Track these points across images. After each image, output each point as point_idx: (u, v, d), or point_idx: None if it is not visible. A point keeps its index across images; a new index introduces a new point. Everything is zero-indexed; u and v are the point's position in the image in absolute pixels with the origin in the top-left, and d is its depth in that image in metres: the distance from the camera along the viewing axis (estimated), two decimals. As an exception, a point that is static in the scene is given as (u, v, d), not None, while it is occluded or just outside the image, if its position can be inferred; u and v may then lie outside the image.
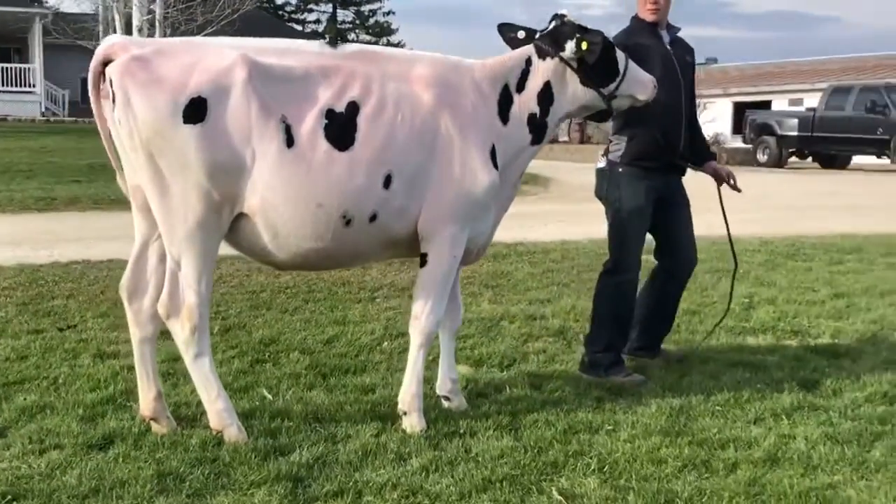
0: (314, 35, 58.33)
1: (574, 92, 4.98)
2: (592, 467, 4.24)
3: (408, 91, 4.59)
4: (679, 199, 5.85)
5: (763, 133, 32.85)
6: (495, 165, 4.76)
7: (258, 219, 4.36)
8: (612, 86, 5.01)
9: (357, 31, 62.20)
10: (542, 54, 4.93)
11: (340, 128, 4.40)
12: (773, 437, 4.64)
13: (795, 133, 32.02)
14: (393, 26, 62.92)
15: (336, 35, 59.11)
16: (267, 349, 6.18)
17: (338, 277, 8.53)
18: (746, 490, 4.02)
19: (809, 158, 33.07)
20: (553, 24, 4.97)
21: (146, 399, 4.63)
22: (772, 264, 9.67)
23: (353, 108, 4.44)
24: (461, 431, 4.67)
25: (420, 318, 4.76)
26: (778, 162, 31.97)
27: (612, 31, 5.30)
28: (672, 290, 6.04)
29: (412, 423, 4.72)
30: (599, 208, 5.85)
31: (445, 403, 5.07)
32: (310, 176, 4.35)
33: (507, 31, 5.11)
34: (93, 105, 4.36)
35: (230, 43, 4.51)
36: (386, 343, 6.37)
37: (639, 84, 5.10)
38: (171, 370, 5.48)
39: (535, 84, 4.92)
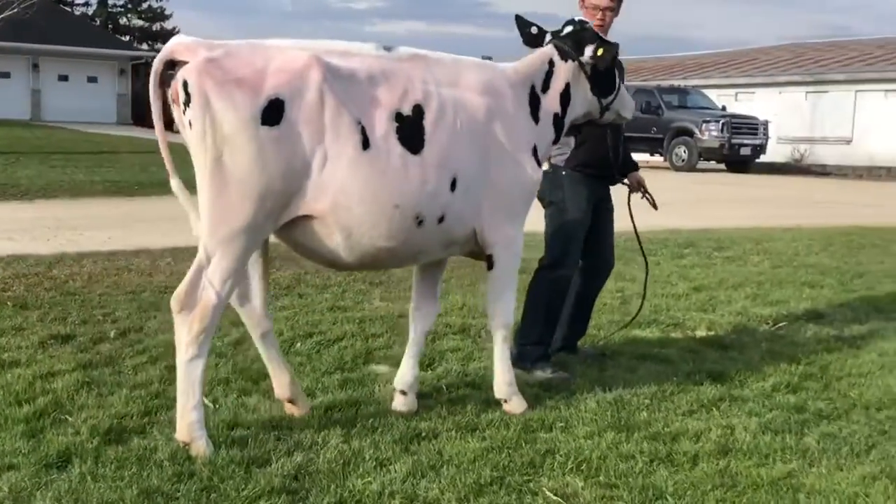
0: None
1: (585, 96, 5.16)
2: (569, 466, 4.23)
3: (461, 96, 4.64)
4: (608, 205, 5.99)
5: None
6: (538, 163, 4.98)
7: (329, 220, 4.28)
8: (609, 98, 5.24)
9: (129, 15, 59.34)
10: (564, 56, 5.08)
11: (410, 131, 4.40)
12: (715, 428, 4.77)
13: (576, 133, 33.21)
14: (167, 12, 60.38)
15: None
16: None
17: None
18: (722, 482, 4.12)
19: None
20: (573, 27, 5.14)
21: (282, 384, 4.74)
22: (624, 259, 9.96)
23: (419, 111, 4.45)
24: (423, 434, 4.58)
25: (498, 316, 4.99)
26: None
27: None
28: (593, 289, 6.17)
29: (514, 406, 4.98)
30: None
31: (400, 399, 4.97)
32: (386, 178, 4.33)
33: (522, 26, 5.27)
34: (153, 105, 4.14)
35: (292, 44, 4.33)
36: (299, 344, 6.17)
37: (626, 102, 5.40)
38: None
39: (558, 85, 5.07)
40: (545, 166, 5.69)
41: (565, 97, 5.08)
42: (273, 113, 4.05)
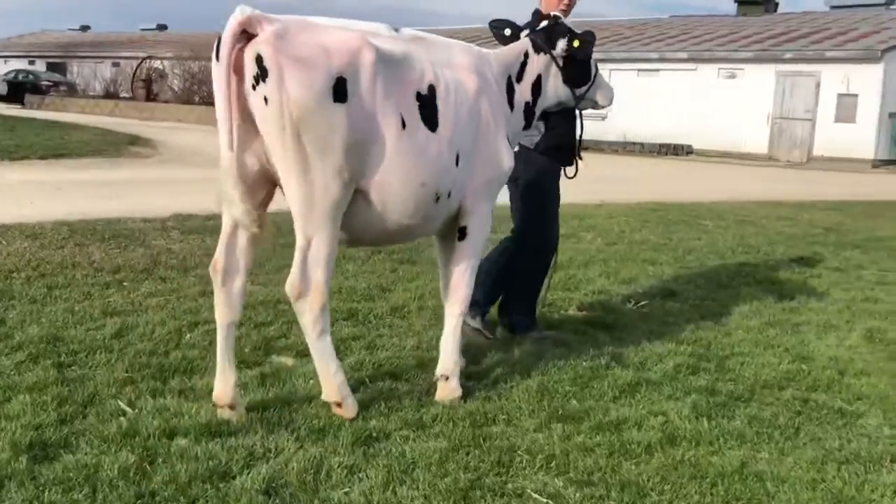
0: None
1: (556, 88, 5.37)
2: (538, 464, 4.08)
3: (457, 77, 4.74)
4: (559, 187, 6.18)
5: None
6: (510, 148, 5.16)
7: (372, 196, 4.36)
8: (584, 88, 5.49)
9: None
10: (537, 49, 5.29)
11: (428, 110, 4.51)
12: (650, 416, 4.74)
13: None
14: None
15: None
16: (57, 349, 5.23)
17: (66, 257, 7.50)
18: (692, 472, 4.08)
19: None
20: (547, 23, 5.41)
21: (226, 387, 4.42)
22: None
23: (433, 91, 4.54)
24: (375, 434, 4.29)
25: (460, 287, 4.97)
26: None
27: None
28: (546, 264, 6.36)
29: (452, 387, 4.88)
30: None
31: None
32: (418, 156, 4.43)
33: (497, 27, 5.72)
34: (221, 78, 3.96)
35: (329, 22, 4.32)
36: (188, 335, 5.66)
37: (603, 90, 5.63)
38: None
39: (530, 76, 5.27)
40: (515, 148, 5.69)
41: (536, 88, 5.29)
42: (340, 90, 4.05)
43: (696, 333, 6.45)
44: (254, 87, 3.97)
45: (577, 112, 5.85)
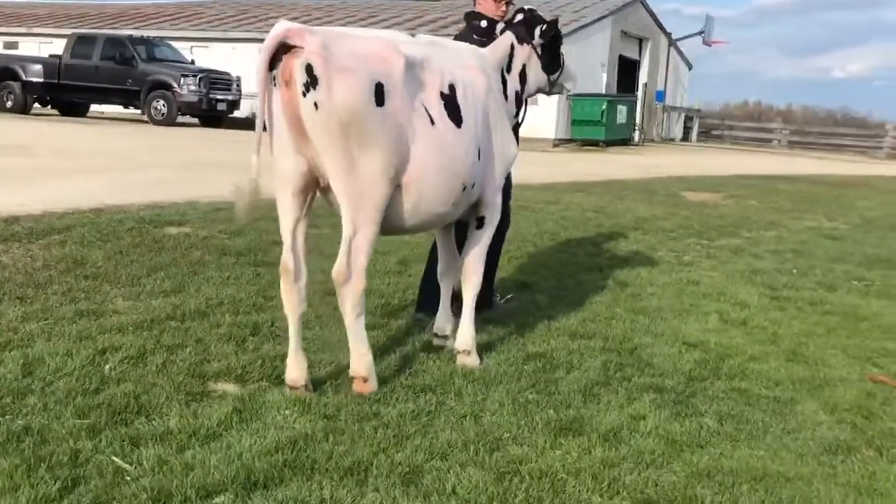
0: None
1: (536, 75, 5.77)
2: (584, 483, 3.91)
3: (470, 76, 5.13)
4: None
5: (6, 78, 30.72)
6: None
7: (411, 189, 4.70)
8: (556, 75, 5.89)
9: None
10: (520, 41, 5.66)
11: (452, 108, 4.88)
12: (630, 420, 4.69)
13: (41, 80, 30.64)
14: None
15: None
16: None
17: None
18: (719, 482, 4.06)
19: (50, 106, 31.81)
20: (522, 15, 5.77)
21: (301, 370, 4.75)
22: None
23: (453, 90, 4.92)
24: (363, 464, 3.93)
25: (476, 272, 5.50)
26: (23, 108, 30.25)
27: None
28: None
29: (473, 360, 5.42)
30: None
31: (440, 341, 5.72)
32: (448, 150, 4.83)
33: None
34: (263, 88, 4.35)
35: (363, 33, 4.83)
36: (107, 366, 4.86)
37: (571, 76, 6.08)
38: None
39: (517, 66, 5.66)
40: None
41: (523, 76, 5.70)
42: (379, 94, 4.38)
43: (586, 326, 6.50)
44: (304, 94, 4.25)
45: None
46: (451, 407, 4.70)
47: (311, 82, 4.22)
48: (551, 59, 5.82)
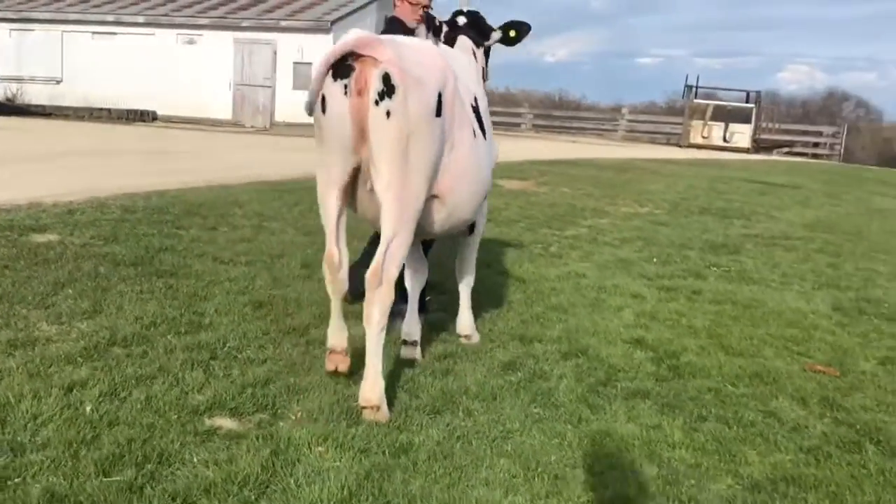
0: None
1: (484, 72, 5.78)
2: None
3: (478, 87, 5.25)
4: None
5: None
6: None
7: (447, 199, 4.73)
8: (488, 73, 5.89)
9: None
10: (477, 45, 5.71)
11: (479, 119, 4.99)
12: (651, 429, 4.63)
13: None
14: None
15: None
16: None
17: None
18: (782, 490, 4.09)
19: None
20: (466, 19, 5.72)
21: (342, 337, 4.81)
22: (173, 225, 8.45)
23: (477, 101, 5.05)
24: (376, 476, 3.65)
25: (468, 272, 5.93)
26: None
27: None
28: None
29: (475, 339, 5.86)
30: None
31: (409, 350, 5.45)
32: (481, 160, 4.97)
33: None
34: (318, 88, 4.28)
35: (411, 42, 4.84)
36: (90, 408, 4.19)
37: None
38: None
39: (480, 67, 5.71)
40: None
41: (484, 77, 5.76)
42: (439, 105, 4.41)
43: (526, 329, 6.36)
44: (377, 103, 4.20)
45: None
46: (477, 430, 4.41)
47: (388, 91, 4.19)
48: (488, 59, 5.90)
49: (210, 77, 32.04)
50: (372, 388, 4.40)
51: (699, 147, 40.87)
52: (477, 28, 5.72)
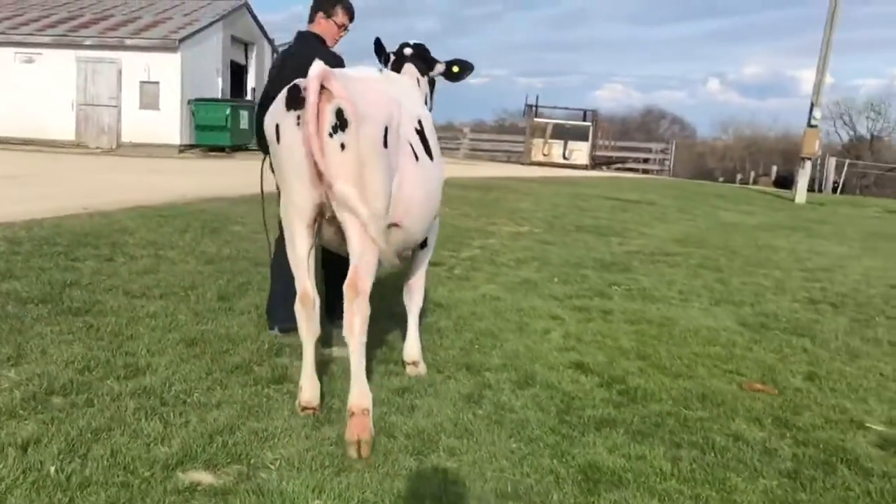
0: None
1: (427, 100, 5.85)
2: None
3: (415, 107, 5.18)
4: None
5: None
6: None
7: (404, 224, 4.78)
8: (430, 102, 5.92)
9: None
10: (422, 73, 5.83)
11: (423, 141, 5.00)
12: (635, 459, 4.54)
13: None
14: None
15: None
16: None
17: None
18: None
19: None
20: (411, 50, 5.83)
21: (314, 392, 4.76)
22: (66, 257, 7.78)
23: (420, 124, 5.05)
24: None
25: (420, 288, 5.78)
26: None
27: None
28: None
29: (422, 369, 5.65)
30: None
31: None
32: (428, 182, 4.99)
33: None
34: (313, 122, 4.17)
35: (355, 74, 4.83)
36: (54, 468, 3.73)
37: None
38: None
39: (423, 94, 5.81)
40: None
41: (429, 107, 5.80)
42: (385, 137, 4.45)
43: (471, 357, 6.18)
44: (331, 135, 4.24)
45: None
46: (469, 471, 4.19)
47: (341, 125, 4.25)
48: (432, 88, 6.02)
49: (51, 97, 30.61)
50: (362, 394, 4.44)
51: (540, 164, 41.79)
52: (422, 58, 5.85)
